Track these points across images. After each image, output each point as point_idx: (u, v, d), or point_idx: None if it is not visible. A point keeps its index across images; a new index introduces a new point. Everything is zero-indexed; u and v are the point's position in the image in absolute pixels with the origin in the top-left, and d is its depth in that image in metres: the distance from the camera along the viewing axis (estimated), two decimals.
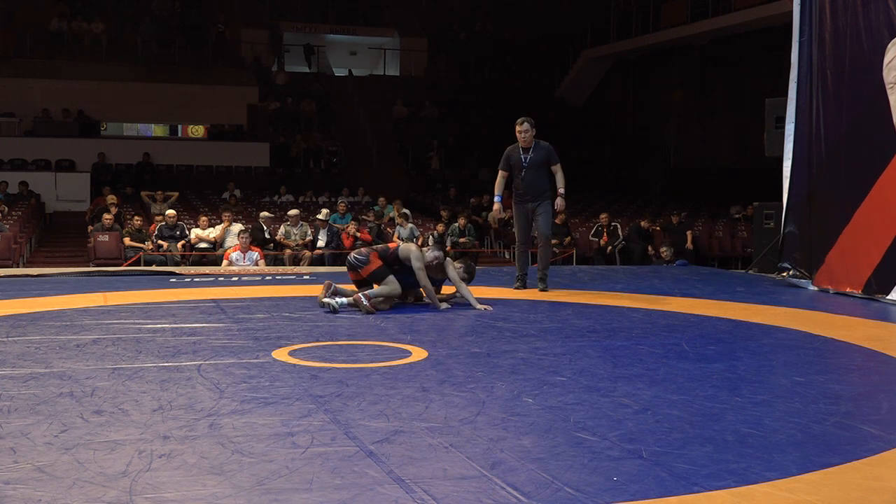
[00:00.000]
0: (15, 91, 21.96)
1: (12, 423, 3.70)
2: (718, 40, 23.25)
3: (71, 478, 3.02)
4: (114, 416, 3.85)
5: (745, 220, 18.23)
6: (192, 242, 14.16)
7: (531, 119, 8.76)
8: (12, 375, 4.65)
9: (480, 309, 7.41)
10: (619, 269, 12.93)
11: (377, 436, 3.57)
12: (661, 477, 3.12)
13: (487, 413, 3.99)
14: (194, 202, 18.92)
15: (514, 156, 8.76)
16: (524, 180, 8.67)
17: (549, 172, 8.75)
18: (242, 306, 7.52)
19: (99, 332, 6.10)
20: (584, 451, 3.41)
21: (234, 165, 22.12)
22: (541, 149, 8.70)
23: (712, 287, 9.48)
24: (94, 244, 14.10)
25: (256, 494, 2.89)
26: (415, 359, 5.27)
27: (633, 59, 26.57)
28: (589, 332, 6.43)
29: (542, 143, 8.77)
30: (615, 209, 19.66)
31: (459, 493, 2.93)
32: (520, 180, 8.71)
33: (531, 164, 8.64)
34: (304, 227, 14.72)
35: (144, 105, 23.01)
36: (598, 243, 16.29)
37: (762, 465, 3.27)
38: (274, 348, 5.52)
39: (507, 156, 8.84)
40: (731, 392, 4.48)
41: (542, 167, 8.69)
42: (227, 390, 4.35)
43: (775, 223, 10.96)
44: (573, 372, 4.93)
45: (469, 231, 16.38)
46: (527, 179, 8.65)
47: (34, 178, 19.62)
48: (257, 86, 24.34)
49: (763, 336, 6.40)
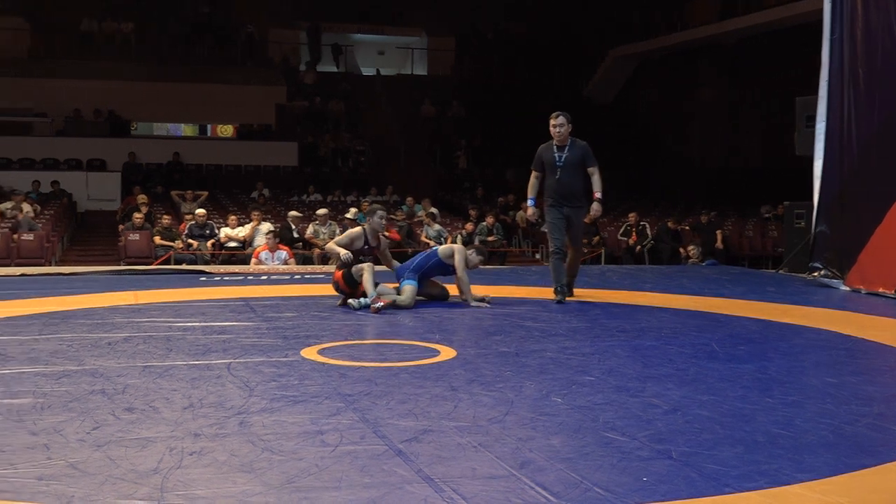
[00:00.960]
0: (47, 91, 22.20)
1: (45, 420, 3.74)
2: (747, 38, 23.08)
3: (103, 474, 3.05)
4: (145, 413, 3.88)
5: (775, 220, 18.09)
6: (221, 241, 14.25)
7: (567, 114, 8.01)
8: (45, 373, 4.70)
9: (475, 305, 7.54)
10: (647, 269, 12.87)
11: (406, 435, 3.57)
12: (691, 477, 3.11)
13: (516, 412, 3.98)
14: (223, 201, 19.04)
15: (546, 154, 8.03)
16: (559, 182, 7.92)
17: (584, 174, 8.04)
18: (272, 305, 7.56)
19: (130, 330, 6.15)
20: (613, 452, 3.39)
21: (263, 165, 22.23)
22: (577, 147, 7.97)
23: (742, 287, 9.41)
24: (124, 243, 14.22)
25: (286, 492, 2.90)
26: (443, 358, 5.27)
27: (660, 57, 26.43)
28: (618, 331, 6.40)
29: (579, 141, 8.03)
30: (643, 209, 19.57)
31: (488, 493, 2.92)
32: (554, 181, 7.95)
33: (566, 163, 7.91)
34: (333, 226, 14.76)
35: (174, 105, 23.19)
36: (627, 243, 16.22)
37: (793, 467, 3.24)
38: (303, 347, 5.54)
39: (540, 154, 8.09)
40: (762, 393, 4.45)
41: (578, 167, 7.97)
42: (256, 388, 4.37)
43: (806, 222, 10.87)
44: (602, 372, 4.91)
45: (497, 230, 16.37)
46: (562, 181, 7.91)
47: (66, 178, 19.82)
48: (286, 85, 24.45)
49: (794, 336, 6.34)
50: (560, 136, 7.93)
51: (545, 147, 8.08)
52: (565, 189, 7.94)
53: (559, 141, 7.94)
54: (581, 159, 7.96)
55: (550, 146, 8.02)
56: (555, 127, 7.94)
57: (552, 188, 8.01)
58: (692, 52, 25.33)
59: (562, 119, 7.93)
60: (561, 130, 7.91)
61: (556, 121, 7.94)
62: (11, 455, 3.25)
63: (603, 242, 16.48)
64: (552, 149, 8.00)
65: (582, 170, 8.01)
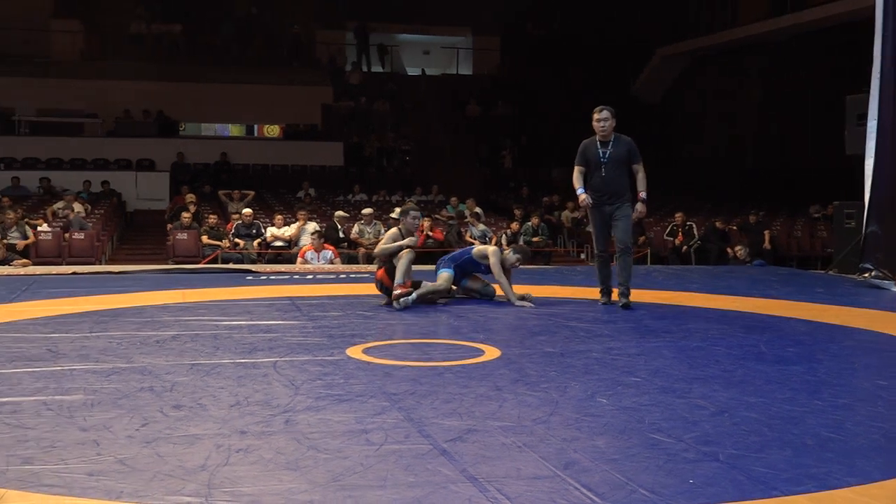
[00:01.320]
0: (98, 93, 22.54)
1: (95, 417, 3.80)
2: (797, 36, 22.76)
3: (151, 471, 3.09)
4: (192, 410, 3.92)
5: (824, 220, 17.84)
6: (267, 241, 14.36)
7: (612, 108, 7.66)
8: (95, 370, 4.77)
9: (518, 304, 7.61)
10: (694, 269, 12.76)
11: (450, 434, 3.57)
12: (738, 480, 3.07)
13: (561, 413, 3.97)
14: (270, 201, 19.18)
15: (590, 150, 7.65)
16: (603, 179, 7.55)
17: (629, 171, 7.65)
18: (317, 304, 7.60)
19: (178, 328, 6.22)
20: (659, 453, 3.37)
21: (309, 165, 22.37)
22: (622, 143, 7.59)
23: (791, 288, 9.30)
24: (172, 242, 14.39)
25: (331, 490, 2.92)
26: (488, 358, 5.26)
27: (709, 56, 26.15)
28: (664, 332, 6.35)
29: (624, 137, 7.63)
30: (690, 208, 19.40)
31: (533, 493, 2.91)
32: (597, 178, 7.58)
33: (611, 159, 7.53)
34: (378, 226, 14.82)
35: (222, 105, 23.43)
36: (673, 243, 16.09)
37: (843, 471, 3.19)
38: (348, 346, 5.57)
39: (584, 150, 7.70)
40: (811, 395, 4.39)
41: (623, 164, 7.58)
42: (302, 387, 4.40)
43: (857, 222, 10.71)
44: (648, 372, 4.87)
45: (542, 230, 16.32)
46: (606, 178, 7.53)
47: (116, 178, 20.10)
48: (331, 86, 24.58)
49: (844, 338, 6.25)
50: (604, 132, 7.55)
51: (589, 142, 7.70)
52: (609, 187, 7.55)
53: (603, 136, 7.57)
54: (626, 156, 7.58)
55: (594, 142, 7.64)
56: (599, 122, 7.56)
57: (595, 186, 7.63)
58: (741, 50, 25.03)
59: (606, 113, 7.55)
60: (605, 125, 7.54)
61: (600, 115, 7.57)
62: (62, 451, 3.30)
63: (649, 242, 16.36)
64: (596, 144, 7.62)
65: (626, 167, 7.61)
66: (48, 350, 5.34)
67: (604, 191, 7.58)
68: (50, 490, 2.89)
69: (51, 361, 4.99)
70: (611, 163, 7.53)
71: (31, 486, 2.91)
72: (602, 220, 7.69)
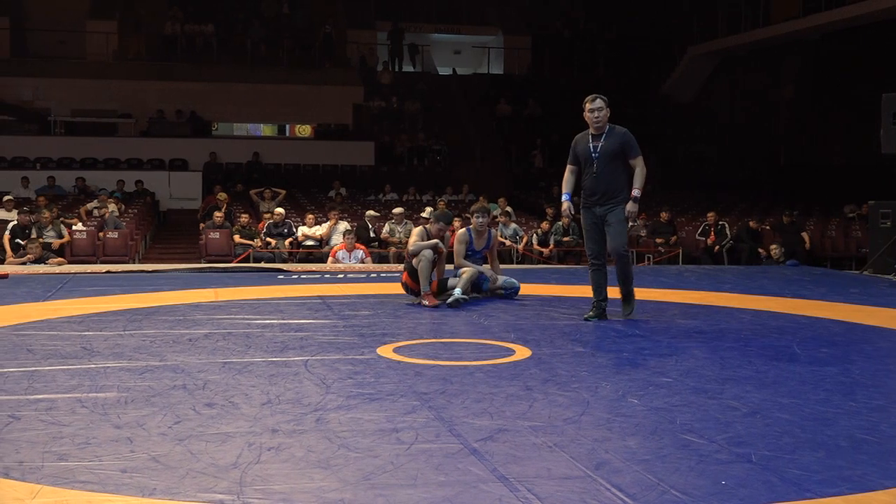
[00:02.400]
0: (132, 93, 22.78)
1: (129, 414, 3.83)
2: (831, 34, 22.54)
3: (184, 468, 3.11)
4: (224, 408, 3.95)
5: (859, 220, 17.65)
6: (299, 240, 14.43)
7: (605, 97, 6.83)
8: (129, 368, 4.81)
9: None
10: (726, 269, 12.67)
11: (481, 433, 3.57)
12: (771, 482, 3.05)
13: (592, 413, 3.96)
14: (301, 200, 19.26)
15: (581, 145, 6.89)
16: (594, 177, 6.76)
17: (625, 167, 6.82)
18: (348, 303, 7.63)
19: (210, 326, 6.27)
20: (691, 454, 3.35)
21: (340, 164, 22.44)
22: (615, 135, 6.75)
23: (824, 288, 9.21)
24: (205, 241, 14.49)
25: (362, 489, 2.93)
26: (518, 357, 5.26)
27: (741, 54, 25.96)
28: (695, 332, 6.31)
29: (619, 128, 6.80)
30: (723, 208, 19.26)
31: (563, 493, 2.91)
32: (589, 176, 6.80)
33: (602, 154, 6.72)
34: (408, 225, 14.84)
35: (254, 105, 23.59)
36: (705, 242, 15.98)
37: (878, 473, 3.16)
38: (379, 345, 5.59)
39: (574, 145, 6.95)
40: (845, 396, 4.34)
41: (617, 159, 6.75)
42: (333, 386, 4.42)
43: (892, 222, 10.60)
44: (679, 373, 4.84)
45: (573, 230, 16.26)
46: (598, 176, 6.74)
47: (149, 177, 20.27)
48: (363, 85, 24.65)
49: (879, 339, 6.18)
50: (598, 123, 6.74)
51: (580, 137, 6.94)
52: (601, 186, 6.75)
53: (596, 129, 6.77)
54: (620, 149, 6.73)
55: (586, 135, 6.88)
56: (592, 112, 6.75)
57: (585, 184, 6.87)
58: (774, 49, 24.83)
59: (599, 102, 6.75)
60: (599, 116, 6.73)
61: (593, 104, 6.75)
62: (97, 447, 3.34)
63: (680, 242, 16.26)
64: (587, 138, 6.85)
65: (622, 162, 6.79)
66: (83, 348, 5.40)
67: (595, 190, 6.80)
68: (84, 486, 2.92)
69: (85, 359, 5.05)
70: (603, 158, 6.73)
71: (65, 483, 2.94)
72: (593, 224, 6.89)
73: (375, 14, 27.39)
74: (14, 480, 2.96)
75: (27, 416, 3.77)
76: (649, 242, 16.29)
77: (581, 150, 6.87)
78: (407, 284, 7.77)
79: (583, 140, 6.89)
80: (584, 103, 6.79)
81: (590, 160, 6.78)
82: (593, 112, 6.73)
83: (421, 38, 27.94)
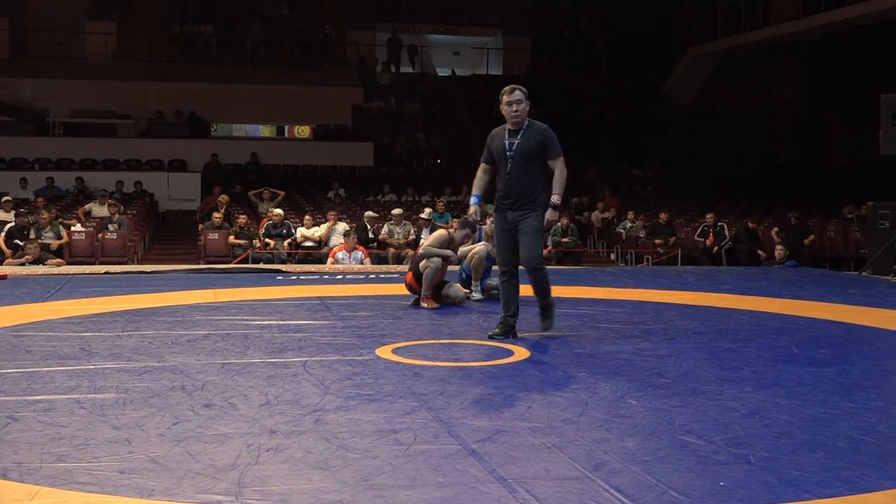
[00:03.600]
0: (131, 94, 22.76)
1: (127, 415, 3.83)
2: (831, 35, 22.55)
3: (182, 469, 3.11)
4: (223, 409, 3.95)
5: (858, 221, 17.66)
6: (297, 241, 14.42)
7: (524, 89, 6.03)
8: (127, 369, 4.81)
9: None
10: (725, 270, 12.68)
11: (479, 434, 3.57)
12: (769, 483, 3.05)
13: (590, 414, 3.96)
14: (300, 201, 19.26)
15: (497, 141, 6.07)
16: (508, 178, 5.99)
17: (544, 168, 6.06)
18: (347, 304, 7.63)
19: (209, 327, 6.27)
20: (689, 455, 3.35)
21: (339, 165, 22.44)
22: (534, 133, 5.98)
23: (823, 289, 9.21)
24: (204, 242, 14.48)
25: (360, 490, 2.93)
26: (517, 358, 5.26)
27: (741, 54, 25.96)
28: (694, 333, 6.31)
29: (539, 124, 6.04)
30: (722, 208, 19.26)
31: (562, 494, 2.91)
32: (503, 177, 6.04)
33: (518, 152, 5.94)
34: (408, 226, 14.84)
35: (253, 106, 23.58)
36: (704, 243, 15.99)
37: (877, 474, 3.16)
38: (378, 346, 5.59)
39: (490, 140, 6.13)
40: (844, 397, 4.34)
41: (534, 160, 5.97)
42: (331, 387, 4.42)
43: (891, 223, 10.60)
44: (678, 374, 4.85)
45: (572, 231, 16.27)
46: (511, 177, 5.98)
47: (148, 178, 20.26)
48: (362, 86, 24.65)
49: (877, 340, 6.19)
50: (517, 117, 5.97)
51: (497, 132, 6.13)
52: (514, 187, 5.99)
53: (514, 124, 6.01)
54: (537, 148, 5.97)
55: (503, 131, 6.09)
56: (510, 105, 5.97)
57: (499, 185, 6.12)
58: (773, 49, 24.83)
59: (518, 94, 5.96)
60: (518, 110, 5.95)
61: (511, 96, 5.95)
62: (95, 448, 3.34)
63: (679, 243, 16.26)
64: (504, 134, 6.07)
65: (539, 163, 6.03)
66: (81, 349, 5.39)
67: (508, 193, 6.02)
68: (82, 487, 2.92)
69: (84, 360, 5.05)
70: (518, 157, 5.96)
71: (63, 484, 2.94)
72: (505, 230, 6.07)
73: (375, 15, 27.38)
74: (12, 481, 2.96)
75: (25, 417, 3.77)
76: (648, 243, 16.30)
77: (496, 147, 6.07)
78: (411, 285, 7.77)
79: (499, 136, 6.08)
80: (502, 94, 6.03)
81: (504, 159, 6.00)
82: (511, 105, 5.94)
83: (420, 38, 27.94)
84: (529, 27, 28.27)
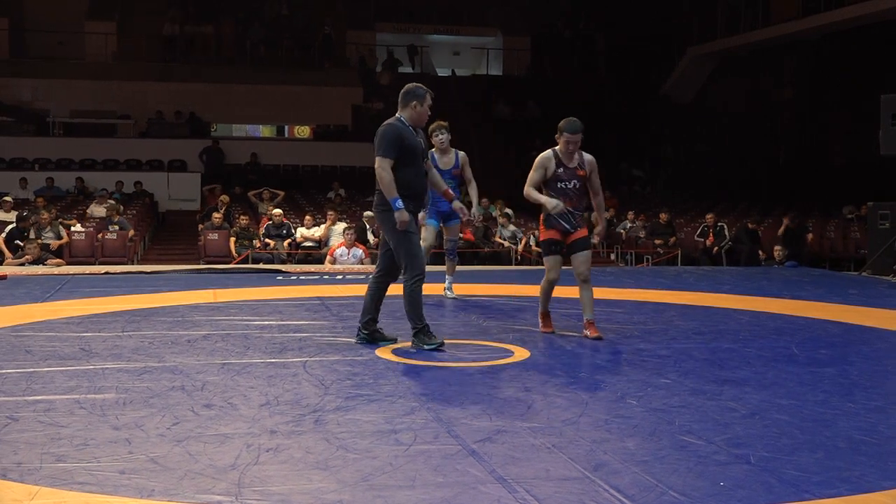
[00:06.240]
0: (131, 94, 22.75)
1: (127, 415, 3.83)
2: (831, 35, 22.54)
3: (182, 469, 3.11)
4: (223, 410, 3.95)
5: (858, 221, 17.64)
6: (297, 241, 14.42)
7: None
8: (127, 369, 4.81)
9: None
10: (725, 270, 12.67)
11: (479, 435, 3.57)
12: (769, 483, 3.05)
13: (590, 414, 3.96)
14: (300, 201, 19.25)
15: (406, 135, 6.15)
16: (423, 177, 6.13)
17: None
18: (347, 304, 7.62)
19: (209, 328, 6.26)
20: (689, 455, 3.35)
21: (339, 165, 22.43)
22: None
23: (823, 289, 9.21)
24: (204, 242, 14.47)
25: (360, 490, 2.93)
26: (517, 358, 5.26)
27: (741, 55, 25.95)
28: (694, 333, 6.31)
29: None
30: (721, 209, 19.25)
31: (562, 494, 2.91)
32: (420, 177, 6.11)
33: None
34: None
35: (253, 106, 23.55)
36: (704, 244, 15.98)
37: (877, 474, 3.16)
38: (378, 346, 5.58)
39: (399, 136, 6.12)
40: (844, 397, 4.35)
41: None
42: (331, 387, 4.42)
43: (891, 223, 10.60)
44: (678, 374, 4.85)
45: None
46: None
47: (148, 178, 20.25)
48: (362, 87, 24.64)
49: (877, 340, 6.19)
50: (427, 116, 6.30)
51: (401, 127, 6.21)
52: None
53: (417, 122, 6.33)
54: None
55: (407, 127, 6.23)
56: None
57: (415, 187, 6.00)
58: (773, 50, 24.83)
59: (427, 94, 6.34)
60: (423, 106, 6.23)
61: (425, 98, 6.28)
62: (95, 448, 3.34)
63: (679, 243, 16.25)
64: (410, 130, 6.26)
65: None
66: (81, 349, 5.39)
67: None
68: (82, 488, 2.92)
69: (84, 360, 5.04)
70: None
71: (63, 484, 2.94)
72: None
73: (375, 15, 27.37)
74: (12, 482, 2.96)
75: (25, 418, 3.77)
76: (648, 243, 16.29)
77: (410, 143, 6.07)
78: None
79: (406, 130, 6.19)
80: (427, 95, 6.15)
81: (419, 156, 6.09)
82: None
83: (420, 38, 27.92)
84: (529, 27, 28.25)
